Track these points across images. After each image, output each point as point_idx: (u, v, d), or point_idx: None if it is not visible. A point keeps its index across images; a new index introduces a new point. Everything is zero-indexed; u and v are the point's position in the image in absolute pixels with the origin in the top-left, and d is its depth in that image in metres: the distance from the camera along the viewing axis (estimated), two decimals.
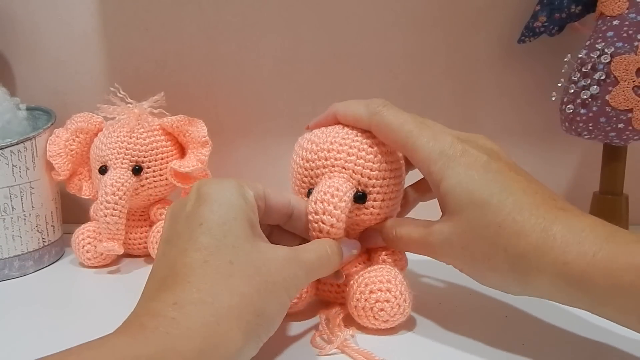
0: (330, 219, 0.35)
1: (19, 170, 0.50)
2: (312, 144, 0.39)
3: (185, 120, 0.52)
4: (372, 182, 0.38)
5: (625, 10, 0.47)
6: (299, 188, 0.40)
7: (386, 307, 0.36)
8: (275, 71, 0.62)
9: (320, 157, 0.38)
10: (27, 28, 0.62)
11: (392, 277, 0.37)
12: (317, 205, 0.36)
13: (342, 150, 0.38)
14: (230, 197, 0.32)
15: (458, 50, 0.60)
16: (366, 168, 0.37)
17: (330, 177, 0.37)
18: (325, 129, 0.40)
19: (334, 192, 0.36)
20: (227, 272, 0.29)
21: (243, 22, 0.61)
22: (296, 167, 0.40)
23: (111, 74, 0.62)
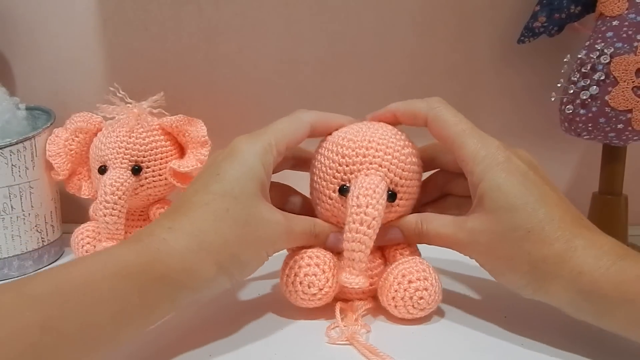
0: (373, 212, 0.36)
1: (19, 169, 0.50)
2: (349, 141, 0.40)
3: (184, 120, 0.52)
4: (402, 182, 0.39)
5: (624, 11, 0.47)
6: (328, 184, 0.40)
7: (425, 296, 0.38)
8: (275, 71, 0.62)
9: (359, 154, 0.39)
10: (26, 28, 0.62)
11: (426, 267, 0.39)
12: (360, 199, 0.37)
13: (379, 149, 0.39)
14: (252, 159, 0.38)
15: (458, 51, 0.60)
16: (399, 168, 0.39)
17: (368, 174, 0.38)
18: (359, 127, 0.41)
19: (375, 189, 0.37)
20: (220, 217, 0.35)
21: (243, 21, 0.61)
22: (328, 162, 0.40)
23: (111, 74, 0.62)
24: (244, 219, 0.36)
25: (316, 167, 0.42)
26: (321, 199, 0.41)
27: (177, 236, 0.34)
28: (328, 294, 0.39)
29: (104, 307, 0.30)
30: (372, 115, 0.43)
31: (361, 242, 0.36)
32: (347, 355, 0.35)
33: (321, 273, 0.39)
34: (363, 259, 0.37)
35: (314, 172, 0.42)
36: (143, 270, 0.32)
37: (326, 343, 0.36)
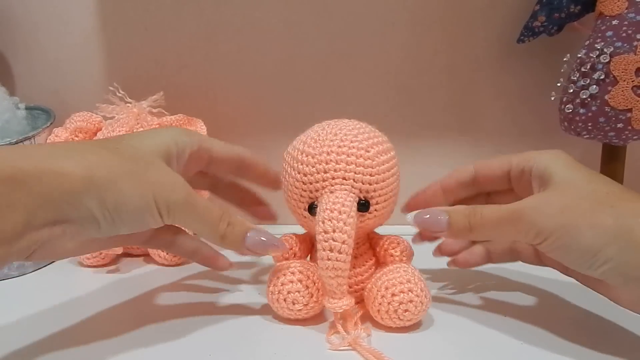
0: (342, 235, 0.35)
1: None
2: (308, 155, 0.37)
3: (184, 120, 0.52)
4: (373, 188, 0.37)
5: (624, 10, 0.47)
6: (297, 202, 0.38)
7: (410, 308, 0.37)
8: (275, 71, 0.62)
9: (319, 170, 0.37)
10: (26, 27, 0.62)
11: (411, 276, 0.37)
12: (326, 224, 0.35)
13: (340, 160, 0.36)
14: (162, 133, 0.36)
15: (457, 50, 0.60)
16: (366, 175, 0.37)
17: (332, 191, 0.36)
18: (317, 134, 0.38)
19: (340, 209, 0.35)
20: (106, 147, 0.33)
21: (242, 21, 0.61)
22: (292, 180, 0.38)
23: (110, 74, 0.62)
24: (134, 156, 0.33)
25: (284, 184, 0.40)
26: (297, 217, 0.40)
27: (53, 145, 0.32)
28: (314, 308, 0.39)
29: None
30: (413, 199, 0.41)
31: (335, 268, 0.35)
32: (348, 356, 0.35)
33: (304, 289, 0.38)
34: (342, 282, 0.35)
35: (284, 190, 0.40)
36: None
37: (328, 350, 0.36)
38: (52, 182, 0.29)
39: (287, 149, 0.40)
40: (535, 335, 0.37)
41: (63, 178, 0.29)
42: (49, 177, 0.29)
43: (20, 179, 0.28)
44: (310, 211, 0.37)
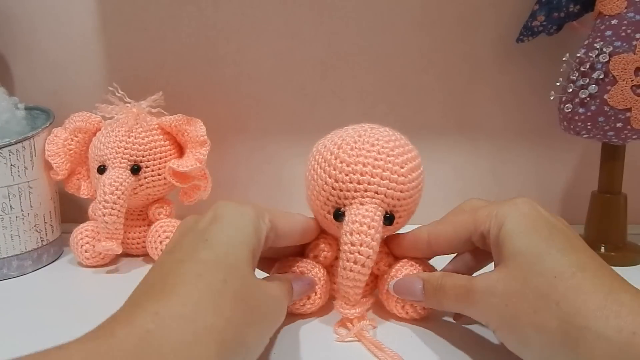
0: (368, 250, 0.35)
1: (18, 169, 0.50)
2: (342, 162, 0.36)
3: (183, 120, 0.52)
4: (400, 203, 0.37)
5: (623, 10, 0.47)
6: (323, 204, 0.38)
7: None
8: (274, 71, 0.62)
9: (353, 180, 0.36)
10: (25, 27, 0.62)
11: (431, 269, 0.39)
12: (353, 237, 0.35)
13: (375, 174, 0.36)
14: (243, 222, 0.32)
15: (457, 50, 0.60)
16: (397, 191, 0.36)
17: (363, 203, 0.36)
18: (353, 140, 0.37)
19: (370, 223, 0.35)
20: (218, 290, 0.28)
21: (241, 22, 0.61)
22: (321, 183, 0.37)
23: (110, 74, 0.62)
24: (245, 292, 0.30)
25: (309, 182, 0.39)
26: (317, 215, 0.40)
27: (166, 324, 0.25)
28: (318, 304, 0.40)
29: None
30: None
31: (356, 279, 0.35)
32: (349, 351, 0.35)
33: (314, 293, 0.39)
34: (358, 292, 0.36)
35: (307, 187, 0.40)
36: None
37: (335, 341, 0.36)
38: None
39: (318, 147, 0.39)
40: None
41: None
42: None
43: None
44: (335, 217, 0.37)
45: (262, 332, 0.31)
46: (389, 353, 0.34)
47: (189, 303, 0.27)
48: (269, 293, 0.32)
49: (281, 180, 0.64)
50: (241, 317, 0.28)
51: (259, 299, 0.31)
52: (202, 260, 0.29)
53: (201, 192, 0.55)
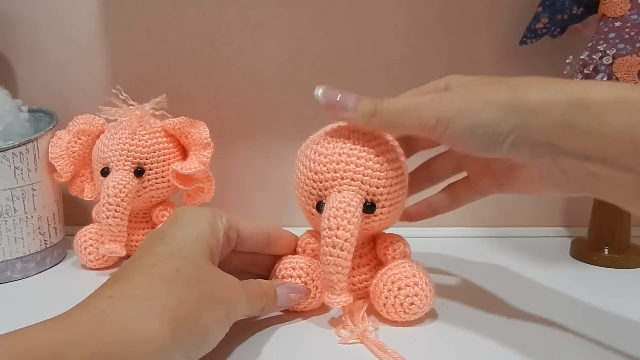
0: (345, 233, 0.35)
1: (21, 172, 0.50)
2: (320, 155, 0.39)
3: (187, 122, 0.52)
4: (379, 191, 0.38)
5: (627, 12, 0.47)
6: (307, 199, 0.40)
7: (416, 301, 0.38)
8: (277, 73, 0.62)
9: (330, 170, 0.38)
10: (28, 30, 0.62)
11: (416, 271, 0.39)
12: (331, 221, 0.36)
13: (350, 161, 0.38)
14: (198, 221, 0.36)
15: (460, 52, 0.60)
16: (374, 178, 0.38)
17: (340, 190, 0.37)
18: (330, 135, 0.39)
19: (345, 208, 0.36)
20: (171, 277, 0.31)
21: (245, 24, 0.61)
22: (303, 178, 0.40)
23: (113, 76, 0.62)
24: (198, 278, 0.32)
25: (295, 182, 0.41)
26: (305, 214, 0.41)
27: (119, 304, 0.28)
28: (312, 303, 0.40)
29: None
30: None
31: (336, 264, 0.36)
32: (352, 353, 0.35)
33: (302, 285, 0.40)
34: (342, 279, 0.36)
35: (295, 187, 0.42)
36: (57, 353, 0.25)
37: (338, 343, 0.36)
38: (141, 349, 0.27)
39: (301, 147, 0.42)
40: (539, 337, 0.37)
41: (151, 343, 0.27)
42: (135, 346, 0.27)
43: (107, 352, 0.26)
44: (319, 209, 0.38)
45: (219, 313, 0.32)
46: (392, 354, 0.34)
47: (142, 286, 0.30)
48: (224, 279, 0.34)
49: (284, 182, 0.64)
50: (195, 299, 0.31)
51: (214, 284, 0.33)
52: (157, 253, 0.33)
53: (204, 194, 0.55)
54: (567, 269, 0.52)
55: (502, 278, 0.49)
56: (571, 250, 0.56)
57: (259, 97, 0.63)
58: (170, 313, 0.29)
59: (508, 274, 0.50)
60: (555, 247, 0.58)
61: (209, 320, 0.31)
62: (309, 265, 0.40)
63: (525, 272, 0.50)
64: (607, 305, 0.43)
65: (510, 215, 0.65)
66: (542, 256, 0.55)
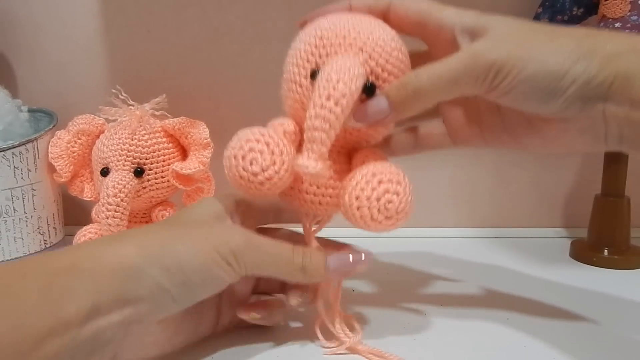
0: (344, 87, 0.31)
1: (21, 172, 0.50)
2: (332, 24, 0.34)
3: (187, 122, 0.52)
4: (384, 75, 0.33)
5: (627, 13, 0.47)
6: (300, 69, 0.34)
7: (394, 199, 0.32)
8: (277, 73, 0.62)
9: (338, 36, 0.33)
10: (29, 30, 0.62)
11: (401, 172, 0.33)
12: (331, 74, 0.31)
13: (363, 32, 0.33)
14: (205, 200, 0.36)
15: None
16: (382, 57, 0.33)
17: (345, 56, 0.33)
18: (339, 16, 0.35)
19: (350, 67, 0.31)
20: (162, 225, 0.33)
21: (245, 24, 0.61)
22: (303, 45, 0.35)
23: (113, 76, 0.62)
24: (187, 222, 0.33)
25: (289, 55, 0.36)
26: (290, 89, 0.35)
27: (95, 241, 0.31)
28: (273, 179, 0.32)
29: None
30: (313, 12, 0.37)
31: (325, 119, 0.30)
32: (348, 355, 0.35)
33: (269, 154, 0.32)
34: (325, 140, 0.31)
35: (285, 70, 0.36)
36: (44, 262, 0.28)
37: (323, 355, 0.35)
38: (111, 263, 0.28)
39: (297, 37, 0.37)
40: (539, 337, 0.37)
41: (120, 257, 0.28)
42: (107, 259, 0.28)
43: (79, 265, 0.28)
44: (312, 77, 0.33)
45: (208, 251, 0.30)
46: (391, 358, 0.34)
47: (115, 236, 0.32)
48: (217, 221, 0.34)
49: None
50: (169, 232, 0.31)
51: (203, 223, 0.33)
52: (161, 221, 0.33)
53: (204, 194, 0.55)
54: (567, 269, 0.52)
55: (502, 279, 0.49)
56: (571, 251, 0.56)
57: (259, 97, 0.63)
58: (138, 240, 0.30)
59: (508, 274, 0.50)
60: (555, 248, 0.58)
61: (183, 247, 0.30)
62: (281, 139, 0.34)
63: (525, 273, 0.50)
64: (607, 306, 0.43)
65: (509, 216, 0.65)
66: (542, 257, 0.55)
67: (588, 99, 0.30)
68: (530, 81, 0.30)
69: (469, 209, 0.65)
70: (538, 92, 0.30)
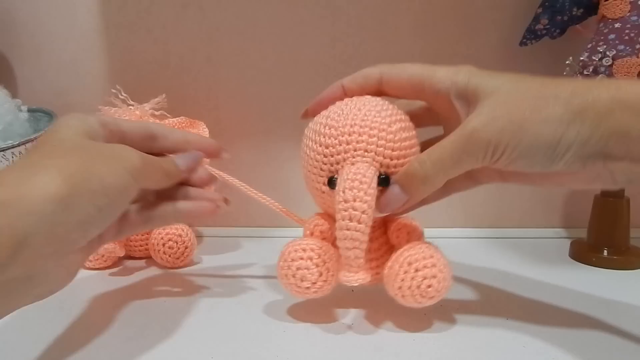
0: (362, 205, 0.34)
1: None
2: (331, 128, 0.37)
3: (186, 122, 0.52)
4: (394, 163, 0.36)
5: (627, 13, 0.47)
6: (317, 177, 0.38)
7: (434, 283, 0.36)
8: (276, 73, 0.62)
9: (342, 142, 0.36)
10: (29, 30, 0.62)
11: (434, 252, 0.37)
12: (346, 193, 0.34)
13: (363, 132, 0.36)
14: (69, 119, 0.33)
15: (460, 53, 0.60)
16: (388, 149, 0.36)
17: (353, 162, 0.36)
18: (340, 109, 0.38)
19: (361, 179, 0.35)
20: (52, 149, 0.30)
21: (244, 24, 0.61)
22: (313, 154, 0.38)
23: (113, 76, 0.62)
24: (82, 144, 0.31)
25: (304, 160, 0.39)
26: (314, 194, 0.40)
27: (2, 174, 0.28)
28: (323, 288, 0.38)
29: None
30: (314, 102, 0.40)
31: (353, 238, 0.34)
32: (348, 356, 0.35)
33: (314, 267, 0.37)
34: (359, 254, 0.35)
35: (303, 165, 0.40)
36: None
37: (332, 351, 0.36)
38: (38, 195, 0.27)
39: (309, 125, 0.40)
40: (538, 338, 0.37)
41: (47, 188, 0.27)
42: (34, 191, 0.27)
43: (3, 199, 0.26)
44: (330, 185, 0.37)
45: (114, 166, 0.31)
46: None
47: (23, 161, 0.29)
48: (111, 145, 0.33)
49: (284, 182, 0.64)
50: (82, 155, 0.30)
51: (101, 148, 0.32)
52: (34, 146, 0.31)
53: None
54: (566, 270, 0.52)
55: (501, 279, 0.49)
56: (570, 251, 0.56)
57: (258, 97, 0.63)
58: (58, 167, 0.28)
59: (507, 275, 0.50)
60: (554, 248, 0.58)
61: (104, 170, 0.30)
62: (320, 247, 0.38)
63: (524, 273, 0.50)
64: (606, 306, 0.43)
65: (509, 216, 0.65)
66: (541, 257, 0.55)
67: (587, 158, 0.31)
68: (527, 153, 0.32)
69: (468, 209, 0.65)
70: (537, 161, 0.32)
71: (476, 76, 0.34)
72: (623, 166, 0.31)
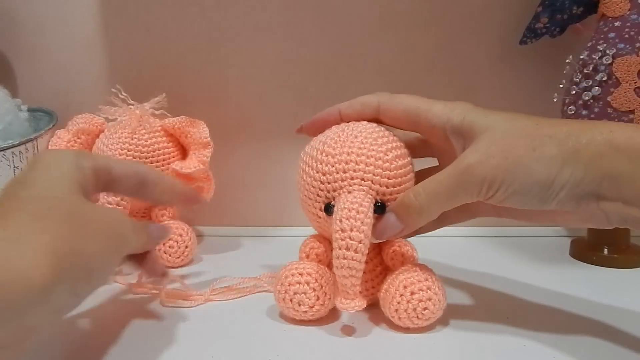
0: (359, 235, 0.35)
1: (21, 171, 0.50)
2: (328, 155, 0.38)
3: (186, 122, 0.52)
4: (390, 190, 0.37)
5: (627, 12, 0.47)
6: (313, 202, 0.39)
7: (430, 306, 0.37)
8: (277, 73, 0.62)
9: (338, 170, 0.37)
10: (29, 29, 0.62)
11: (428, 275, 0.38)
12: (343, 223, 0.35)
13: (360, 161, 0.37)
14: (60, 161, 0.31)
15: (460, 52, 0.60)
16: (384, 177, 0.37)
17: (350, 191, 0.37)
18: (337, 135, 0.38)
19: (358, 208, 0.35)
20: (43, 215, 0.27)
21: (245, 23, 0.61)
22: (309, 180, 0.39)
23: (113, 75, 0.62)
24: (76, 212, 0.29)
25: (300, 184, 0.40)
26: (311, 218, 0.40)
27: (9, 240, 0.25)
28: (321, 311, 0.39)
29: None
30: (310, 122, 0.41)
31: (350, 267, 0.35)
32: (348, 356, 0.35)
33: (311, 291, 0.38)
34: (356, 282, 0.35)
35: (299, 189, 0.40)
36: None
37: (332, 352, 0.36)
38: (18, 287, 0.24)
39: (305, 149, 0.40)
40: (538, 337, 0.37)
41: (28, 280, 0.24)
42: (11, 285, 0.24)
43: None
44: (326, 211, 0.38)
45: (105, 244, 0.30)
46: None
47: (10, 228, 0.26)
48: (105, 211, 0.32)
49: (284, 182, 0.64)
50: (74, 232, 0.28)
51: (94, 217, 0.30)
52: (22, 198, 0.28)
53: (204, 194, 0.55)
54: (567, 268, 0.52)
55: (502, 278, 0.49)
56: (571, 250, 0.56)
57: (259, 97, 0.63)
58: (47, 248, 0.26)
59: (507, 273, 0.50)
60: (554, 247, 0.58)
61: (94, 253, 0.29)
62: (317, 270, 0.39)
63: (525, 272, 0.50)
64: (606, 305, 0.43)
65: None
66: (542, 256, 0.55)
67: (581, 198, 0.32)
68: (521, 190, 0.32)
69: None
70: (531, 198, 0.32)
71: (472, 113, 0.35)
72: (616, 207, 0.31)
